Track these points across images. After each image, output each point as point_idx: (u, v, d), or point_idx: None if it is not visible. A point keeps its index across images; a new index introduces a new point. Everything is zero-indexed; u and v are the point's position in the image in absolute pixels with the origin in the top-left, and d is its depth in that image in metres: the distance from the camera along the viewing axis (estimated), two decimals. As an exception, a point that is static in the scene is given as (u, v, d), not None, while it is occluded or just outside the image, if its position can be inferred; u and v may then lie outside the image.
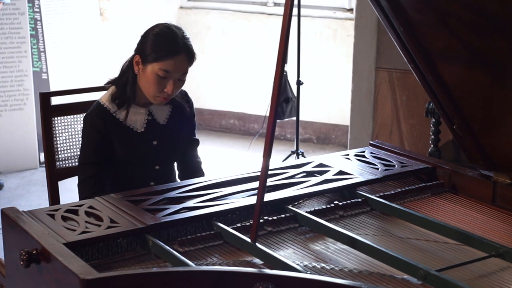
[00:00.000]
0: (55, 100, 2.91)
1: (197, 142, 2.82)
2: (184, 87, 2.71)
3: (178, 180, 2.81)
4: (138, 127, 2.64)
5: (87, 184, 2.60)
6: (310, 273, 1.84)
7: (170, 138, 2.69)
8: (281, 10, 6.03)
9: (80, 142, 2.68)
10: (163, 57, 2.51)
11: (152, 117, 2.67)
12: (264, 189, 1.97)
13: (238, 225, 2.11)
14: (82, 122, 2.88)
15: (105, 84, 2.71)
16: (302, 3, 5.18)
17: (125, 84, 2.62)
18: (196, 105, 6.83)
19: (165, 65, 2.51)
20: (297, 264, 1.86)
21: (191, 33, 2.69)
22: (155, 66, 2.52)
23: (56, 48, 5.70)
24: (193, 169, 2.79)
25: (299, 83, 5.22)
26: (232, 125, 6.50)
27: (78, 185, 2.64)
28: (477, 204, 2.36)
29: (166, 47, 2.52)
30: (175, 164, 2.82)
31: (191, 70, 2.62)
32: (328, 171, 2.50)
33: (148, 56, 2.53)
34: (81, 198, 2.57)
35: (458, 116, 2.34)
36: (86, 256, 1.92)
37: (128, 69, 2.62)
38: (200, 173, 2.79)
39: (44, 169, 3.02)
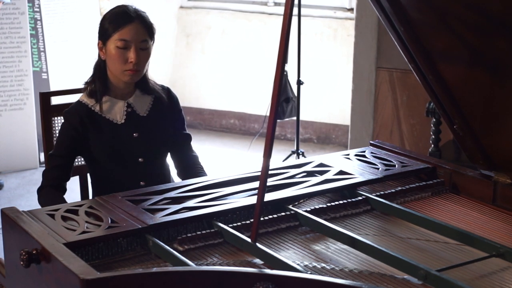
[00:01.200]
0: (55, 100, 2.91)
1: (189, 137, 2.82)
2: (183, 87, 2.71)
3: (175, 179, 2.81)
4: (118, 119, 2.67)
5: (49, 175, 2.66)
6: (310, 273, 1.83)
7: (152, 130, 2.70)
8: (281, 9, 6.02)
9: None
10: (118, 27, 2.59)
11: (132, 109, 2.69)
12: (264, 189, 1.97)
13: (239, 223, 2.11)
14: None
15: (83, 86, 2.74)
16: (302, 2, 5.17)
17: (96, 76, 2.69)
18: (196, 104, 6.81)
19: (121, 35, 2.58)
20: (298, 264, 1.86)
21: (191, 33, 2.70)
22: (114, 39, 2.59)
23: (56, 48, 5.70)
24: (190, 164, 2.79)
25: (299, 83, 5.22)
26: (232, 125, 6.50)
27: (43, 173, 2.71)
28: (478, 204, 2.36)
29: (119, 18, 2.60)
30: (173, 163, 2.81)
31: (191, 69, 2.63)
32: (328, 171, 2.50)
33: (105, 33, 2.61)
34: (41, 185, 2.67)
35: (458, 116, 2.33)
36: (86, 256, 1.92)
37: (97, 62, 2.70)
38: (199, 167, 2.78)
39: (44, 169, 3.02)
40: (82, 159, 2.84)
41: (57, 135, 2.73)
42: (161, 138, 2.72)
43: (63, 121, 2.71)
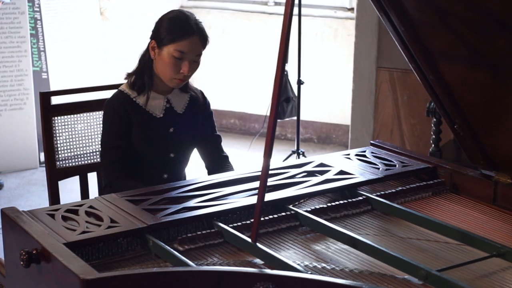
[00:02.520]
0: (55, 100, 2.91)
1: (219, 138, 2.89)
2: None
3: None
4: (157, 113, 2.70)
5: (115, 168, 2.64)
6: (310, 273, 1.83)
7: (186, 127, 2.75)
8: (281, 9, 6.02)
9: (101, 130, 2.75)
10: (178, 38, 2.60)
11: (170, 105, 2.73)
12: (264, 189, 1.97)
13: (239, 223, 2.11)
14: (82, 121, 2.89)
15: (125, 77, 2.75)
16: (302, 2, 5.17)
17: (142, 70, 2.70)
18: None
19: (180, 46, 2.60)
20: (298, 264, 1.86)
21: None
22: (171, 48, 2.61)
23: (56, 48, 5.70)
24: (221, 164, 2.84)
25: (299, 82, 5.22)
26: (232, 125, 6.50)
27: (104, 169, 2.68)
28: (478, 204, 2.35)
29: (180, 29, 2.62)
30: (202, 161, 2.87)
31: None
32: (328, 171, 2.49)
33: (164, 39, 2.62)
34: (106, 182, 2.64)
35: (459, 116, 2.33)
36: (86, 256, 1.92)
37: (144, 57, 2.71)
38: (230, 167, 2.85)
39: (44, 168, 3.02)
40: (85, 158, 2.85)
41: (103, 126, 2.72)
42: (193, 135, 2.78)
43: (105, 112, 2.70)
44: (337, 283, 1.69)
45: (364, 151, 2.72)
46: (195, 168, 3.00)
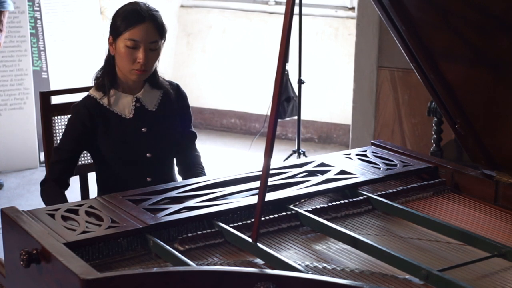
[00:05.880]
0: (55, 99, 2.91)
1: (194, 135, 2.82)
2: (184, 86, 2.71)
3: (178, 176, 2.80)
4: (126, 114, 2.65)
5: (54, 167, 2.64)
6: (311, 273, 1.83)
7: (161, 125, 2.69)
8: (282, 8, 6.02)
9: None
10: (128, 26, 2.57)
11: (141, 104, 2.68)
12: (265, 188, 1.96)
13: (239, 223, 2.11)
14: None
15: (93, 79, 2.73)
16: (303, 1, 5.17)
17: (106, 70, 2.67)
18: (197, 104, 6.81)
19: (131, 34, 2.57)
20: (299, 264, 1.86)
21: (192, 32, 2.70)
22: (124, 38, 2.58)
23: (56, 47, 5.70)
24: (192, 163, 2.78)
25: (300, 82, 5.22)
26: (233, 125, 6.50)
27: (49, 165, 2.69)
28: (480, 203, 2.35)
29: (130, 17, 2.59)
30: (174, 160, 2.80)
31: (192, 68, 2.63)
32: (329, 170, 2.49)
33: (116, 30, 2.60)
34: (45, 178, 2.65)
35: (460, 115, 2.33)
36: (86, 256, 1.92)
37: (107, 58, 2.68)
38: (200, 167, 2.78)
39: (44, 168, 3.02)
40: (83, 158, 2.84)
41: (64, 128, 2.70)
42: (169, 133, 2.72)
43: (70, 115, 2.69)
44: (338, 283, 1.69)
45: (365, 151, 2.71)
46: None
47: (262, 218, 2.09)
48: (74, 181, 2.79)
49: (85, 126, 2.62)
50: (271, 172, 2.29)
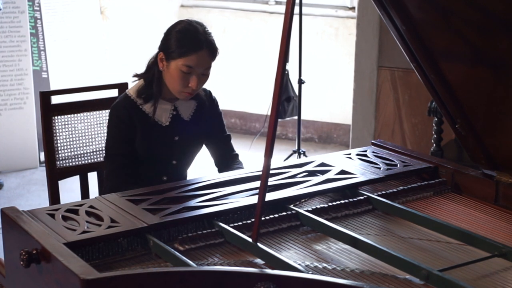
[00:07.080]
0: (55, 99, 2.91)
1: (229, 137, 2.88)
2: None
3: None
4: (163, 121, 2.67)
5: (117, 175, 2.62)
6: (311, 273, 1.83)
7: (192, 135, 2.73)
8: (282, 8, 6.02)
9: (106, 134, 2.71)
10: (186, 53, 2.56)
11: (177, 112, 2.70)
12: (265, 188, 1.96)
13: (240, 223, 2.10)
14: (82, 121, 2.88)
15: (132, 77, 2.72)
16: (303, 1, 5.17)
17: (151, 81, 2.65)
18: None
19: (188, 61, 2.56)
20: (299, 264, 1.85)
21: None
22: (179, 62, 2.57)
23: (56, 47, 5.70)
24: (231, 162, 2.82)
25: (300, 82, 5.22)
26: (233, 124, 6.49)
27: (107, 176, 2.66)
28: (480, 203, 2.35)
29: (188, 43, 2.56)
30: (212, 158, 2.86)
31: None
32: (329, 170, 2.49)
33: (172, 53, 2.58)
34: (110, 189, 2.57)
35: (460, 115, 2.33)
36: (86, 256, 1.91)
37: (153, 66, 2.66)
38: (239, 164, 2.81)
39: (44, 168, 3.02)
40: (85, 157, 2.84)
41: (107, 131, 2.68)
42: (197, 142, 2.76)
43: (110, 116, 2.68)
44: (338, 283, 1.69)
45: (365, 151, 2.71)
46: (196, 168, 2.99)
47: (262, 218, 2.09)
48: (74, 181, 2.79)
49: (128, 126, 2.62)
50: (271, 172, 2.29)
